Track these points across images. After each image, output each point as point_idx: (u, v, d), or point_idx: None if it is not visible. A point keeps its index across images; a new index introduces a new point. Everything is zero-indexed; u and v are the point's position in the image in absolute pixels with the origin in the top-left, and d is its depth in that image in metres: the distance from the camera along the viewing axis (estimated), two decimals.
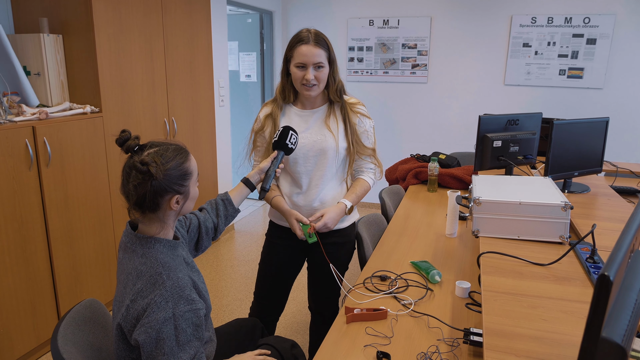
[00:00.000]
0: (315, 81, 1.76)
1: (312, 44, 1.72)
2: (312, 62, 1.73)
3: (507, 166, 2.57)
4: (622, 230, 0.71)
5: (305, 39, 1.74)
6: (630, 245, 0.69)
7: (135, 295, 1.21)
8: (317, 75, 1.75)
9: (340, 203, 1.86)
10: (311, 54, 1.72)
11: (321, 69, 1.75)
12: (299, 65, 1.76)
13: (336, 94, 1.85)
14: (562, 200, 1.67)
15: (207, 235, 1.63)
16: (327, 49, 1.76)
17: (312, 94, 1.80)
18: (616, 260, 0.59)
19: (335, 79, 1.82)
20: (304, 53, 1.73)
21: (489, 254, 1.58)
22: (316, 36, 1.74)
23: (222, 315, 3.01)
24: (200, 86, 3.71)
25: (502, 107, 4.58)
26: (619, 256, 0.61)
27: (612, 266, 0.57)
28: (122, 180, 1.26)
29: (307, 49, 1.72)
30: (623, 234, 0.69)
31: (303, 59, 1.73)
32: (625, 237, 0.68)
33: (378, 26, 4.77)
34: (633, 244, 0.77)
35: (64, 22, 2.71)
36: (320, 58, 1.73)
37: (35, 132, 2.36)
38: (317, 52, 1.72)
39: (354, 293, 1.69)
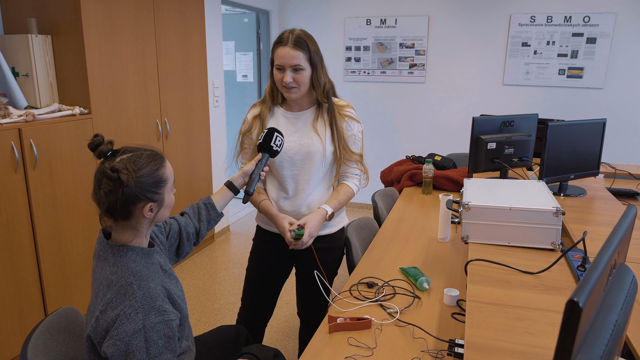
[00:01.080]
0: (295, 84, 1.71)
1: (289, 46, 1.67)
2: (289, 64, 1.68)
3: (502, 168, 2.52)
4: (601, 248, 0.66)
5: (284, 41, 1.69)
6: (608, 262, 0.64)
7: (105, 306, 1.17)
8: (295, 77, 1.70)
9: (320, 209, 1.82)
10: (288, 56, 1.68)
11: (300, 71, 1.70)
12: (278, 67, 1.72)
13: (323, 96, 1.81)
14: (553, 205, 1.62)
15: (189, 241, 1.60)
16: (308, 50, 1.71)
17: (292, 96, 1.76)
18: (589, 283, 0.54)
19: (320, 81, 1.77)
20: (281, 55, 1.69)
21: (478, 261, 1.53)
22: (297, 38, 1.69)
23: (213, 319, 2.97)
24: (194, 87, 3.67)
25: (501, 107, 4.52)
26: (592, 278, 0.56)
27: (583, 291, 0.53)
28: (93, 187, 1.22)
29: (284, 51, 1.68)
30: (601, 252, 0.64)
31: (281, 61, 1.70)
32: (603, 257, 0.63)
33: (375, 25, 4.72)
34: (615, 260, 0.72)
35: (53, 22, 2.67)
36: (297, 60, 1.68)
37: (21, 134, 2.33)
38: (294, 54, 1.67)
39: (339, 301, 1.64)
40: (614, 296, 0.73)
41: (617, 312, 0.70)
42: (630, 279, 0.82)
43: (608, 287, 0.72)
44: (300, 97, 1.80)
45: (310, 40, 1.73)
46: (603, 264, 0.60)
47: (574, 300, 0.51)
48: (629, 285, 0.80)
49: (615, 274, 0.78)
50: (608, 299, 0.72)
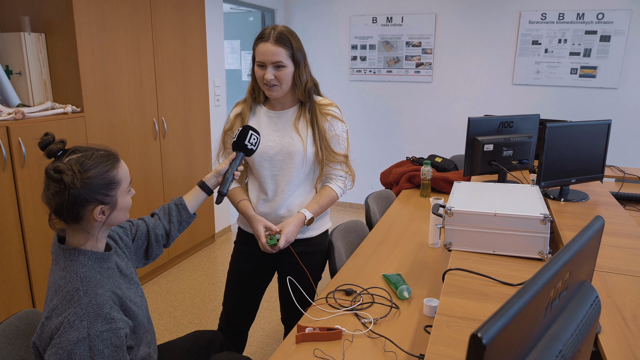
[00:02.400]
0: (276, 81, 1.65)
1: (271, 42, 1.61)
2: (270, 60, 1.62)
3: (500, 171, 2.41)
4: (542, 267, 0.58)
5: (265, 37, 1.63)
6: (547, 285, 0.56)
7: (50, 312, 1.13)
8: (277, 74, 1.64)
9: (299, 214, 1.74)
10: (269, 53, 1.61)
11: (282, 68, 1.64)
12: (259, 64, 1.66)
13: (304, 94, 1.74)
14: (541, 212, 1.52)
15: (158, 243, 1.54)
16: (290, 47, 1.64)
17: (273, 95, 1.70)
18: (503, 316, 0.46)
19: (302, 79, 1.70)
20: (262, 51, 1.63)
21: (456, 270, 1.45)
22: (279, 34, 1.63)
23: (205, 321, 2.93)
24: (193, 85, 3.64)
25: (509, 107, 4.38)
26: (510, 310, 0.48)
27: (491, 325, 0.45)
28: (43, 187, 1.18)
29: (265, 47, 1.62)
30: (538, 275, 0.56)
31: (261, 58, 1.64)
32: (536, 280, 0.55)
33: (381, 24, 4.63)
34: (563, 280, 0.64)
35: (46, 20, 2.66)
36: (278, 57, 1.62)
37: (10, 132, 2.31)
38: (275, 50, 1.61)
39: (313, 309, 1.57)
40: (564, 322, 0.65)
41: (564, 341, 0.62)
42: (592, 300, 0.73)
43: (556, 312, 0.64)
44: (283, 96, 1.74)
45: (293, 37, 1.67)
46: (533, 290, 0.52)
47: (476, 336, 0.43)
48: (588, 307, 0.71)
49: (571, 295, 0.69)
50: (555, 326, 0.63)
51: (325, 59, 4.91)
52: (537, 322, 0.56)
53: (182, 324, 2.90)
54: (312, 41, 4.90)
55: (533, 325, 0.54)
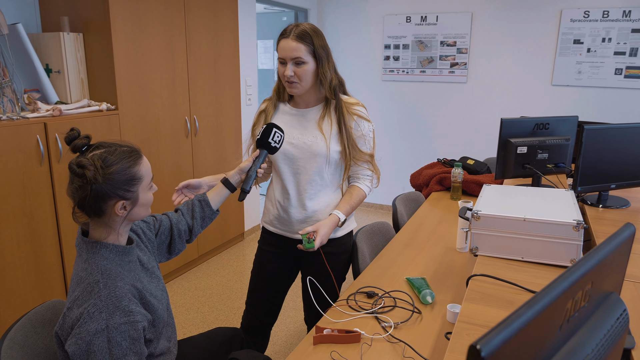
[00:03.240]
0: (296, 78, 1.64)
1: (291, 38, 1.60)
2: (289, 56, 1.61)
3: (534, 175, 2.32)
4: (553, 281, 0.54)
5: (286, 33, 1.63)
6: (563, 294, 0.52)
7: (72, 303, 1.15)
8: (297, 71, 1.63)
9: (332, 215, 1.72)
10: (289, 48, 1.61)
11: (302, 65, 1.62)
12: (281, 60, 1.66)
13: (330, 92, 1.72)
14: (574, 218, 1.45)
15: (180, 238, 1.56)
16: (311, 43, 1.63)
17: (294, 91, 1.69)
18: (509, 328, 0.43)
19: (326, 76, 1.68)
20: (282, 47, 1.63)
21: (481, 277, 1.39)
22: (300, 31, 1.62)
23: (231, 318, 2.95)
24: (225, 85, 3.68)
25: (548, 109, 4.22)
26: (517, 321, 0.45)
27: (493, 337, 0.42)
28: (68, 181, 1.21)
29: (285, 43, 1.62)
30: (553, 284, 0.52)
31: (282, 54, 1.64)
32: (551, 288, 0.51)
33: (415, 23, 4.55)
34: (584, 291, 0.60)
35: (84, 20, 2.75)
36: (298, 53, 1.60)
37: (47, 128, 2.40)
38: (295, 46, 1.60)
39: (333, 310, 1.55)
40: (584, 337, 0.60)
41: (582, 357, 0.57)
42: (618, 314, 0.68)
43: (575, 325, 0.60)
44: (306, 93, 1.72)
45: (315, 34, 1.65)
46: (546, 301, 0.49)
47: (475, 347, 0.40)
48: (613, 322, 0.66)
49: (593, 307, 0.65)
50: (573, 341, 0.59)
51: (358, 59, 4.87)
52: (550, 336, 0.52)
53: (209, 320, 2.93)
54: (344, 41, 4.88)
55: (545, 339, 0.50)
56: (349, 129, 1.73)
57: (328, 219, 1.73)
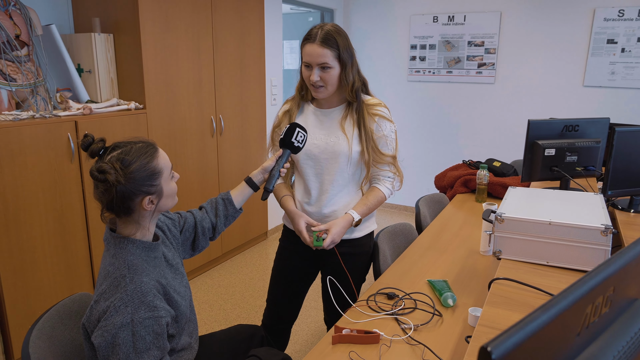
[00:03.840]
0: (322, 82, 1.64)
1: (317, 43, 1.60)
2: (316, 62, 1.61)
3: (562, 178, 2.26)
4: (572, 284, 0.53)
5: (312, 38, 1.62)
6: (581, 299, 0.51)
7: (99, 296, 1.18)
8: (323, 76, 1.63)
9: (347, 214, 1.72)
10: (315, 54, 1.60)
11: (328, 69, 1.62)
12: (306, 64, 1.66)
13: (351, 94, 1.71)
14: (602, 222, 1.41)
15: (204, 235, 1.58)
16: (337, 48, 1.62)
17: (319, 95, 1.69)
18: (522, 331, 0.42)
19: (348, 79, 1.68)
20: (308, 52, 1.62)
21: (504, 280, 1.37)
22: (325, 34, 1.61)
23: (253, 315, 2.98)
24: (250, 84, 3.71)
25: (579, 110, 4.11)
26: (532, 323, 0.44)
27: (507, 339, 0.41)
28: (93, 186, 1.24)
29: (311, 48, 1.61)
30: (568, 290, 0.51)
31: (307, 59, 1.64)
32: (571, 291, 0.50)
33: (442, 23, 4.50)
34: (606, 296, 0.58)
35: (115, 21, 2.82)
36: (324, 58, 1.60)
37: (78, 126, 2.47)
38: (321, 52, 1.60)
39: (352, 310, 1.55)
40: (605, 343, 0.59)
41: None
42: None
43: (595, 331, 0.58)
44: (329, 96, 1.73)
45: (340, 37, 1.64)
46: (563, 305, 0.47)
47: (485, 350, 0.40)
48: (638, 329, 0.64)
49: (616, 313, 0.63)
50: (593, 347, 0.57)
51: (384, 59, 4.85)
52: (568, 342, 0.51)
53: (231, 317, 2.96)
54: (370, 41, 4.86)
55: (562, 345, 0.49)
56: (369, 130, 1.72)
57: (341, 218, 1.73)
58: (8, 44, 2.28)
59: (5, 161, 2.18)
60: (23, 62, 2.36)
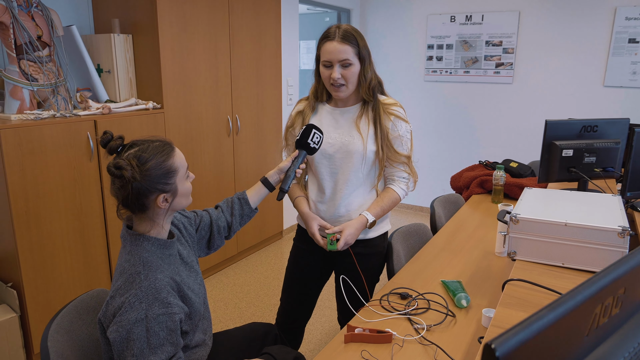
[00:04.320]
0: (343, 80, 1.64)
1: (337, 41, 1.61)
2: (337, 59, 1.62)
3: (580, 179, 2.23)
4: (580, 284, 0.53)
5: (331, 36, 1.63)
6: (590, 300, 0.51)
7: (115, 292, 1.21)
8: (344, 73, 1.63)
9: (361, 216, 1.73)
10: (336, 51, 1.61)
11: (349, 66, 1.63)
12: (326, 63, 1.66)
13: (368, 92, 1.72)
14: (620, 224, 1.39)
15: (220, 234, 1.60)
16: (356, 44, 1.64)
17: (340, 95, 1.70)
18: (527, 329, 0.43)
19: (367, 77, 1.69)
20: (329, 50, 1.63)
21: (518, 281, 1.36)
22: (344, 32, 1.63)
23: (267, 314, 3.00)
24: (266, 84, 3.74)
25: (599, 111, 4.04)
26: (538, 322, 0.44)
27: (512, 337, 0.41)
28: (110, 182, 1.26)
29: (331, 45, 1.62)
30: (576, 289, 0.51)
31: (328, 57, 1.64)
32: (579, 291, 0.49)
33: (460, 22, 4.46)
34: (616, 297, 0.57)
35: (134, 22, 2.86)
36: (346, 55, 1.61)
37: (97, 125, 2.52)
38: (342, 48, 1.61)
39: (365, 310, 1.55)
40: (615, 344, 0.58)
41: None
42: None
43: (605, 331, 0.57)
44: (349, 95, 1.73)
45: (358, 35, 1.66)
46: (570, 304, 0.47)
47: (489, 347, 0.40)
48: None
49: (627, 315, 0.62)
50: (603, 347, 0.57)
51: (400, 59, 4.83)
52: (575, 341, 0.50)
53: (246, 315, 2.99)
54: (387, 41, 4.85)
55: (570, 344, 0.49)
56: (385, 129, 1.73)
57: (355, 220, 1.73)
58: (30, 44, 2.34)
59: (27, 159, 2.23)
60: (44, 63, 2.42)
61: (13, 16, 2.26)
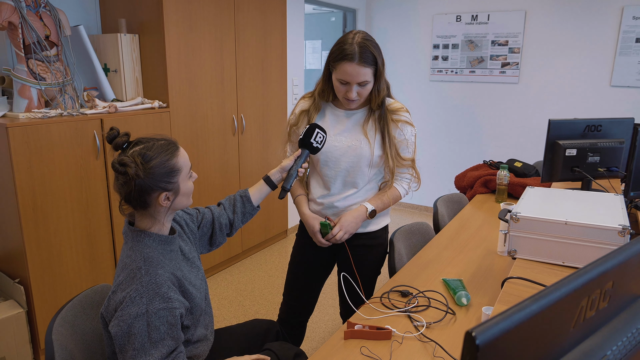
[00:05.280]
0: (358, 97, 1.65)
1: (357, 63, 1.56)
2: (355, 81, 1.60)
3: (584, 179, 2.23)
4: (566, 277, 0.53)
5: (349, 56, 1.56)
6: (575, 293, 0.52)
7: (117, 287, 1.23)
8: (360, 91, 1.63)
9: (360, 206, 1.74)
10: (355, 74, 1.58)
11: (366, 85, 1.63)
12: (342, 81, 1.63)
13: (378, 104, 1.72)
14: (620, 223, 1.39)
15: (221, 231, 1.62)
16: (375, 64, 1.60)
17: (352, 107, 1.72)
18: (509, 318, 0.44)
19: (380, 91, 1.68)
20: (348, 72, 1.58)
21: (517, 279, 1.36)
22: (362, 50, 1.56)
23: (271, 312, 3.02)
24: (272, 84, 3.76)
25: (606, 111, 4.02)
26: (521, 311, 0.45)
27: (493, 326, 0.42)
28: (114, 178, 1.28)
29: (351, 68, 1.57)
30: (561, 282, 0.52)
31: (347, 78, 1.60)
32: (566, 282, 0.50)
33: (466, 22, 4.46)
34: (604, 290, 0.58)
35: (140, 22, 2.89)
36: (365, 77, 1.59)
37: (103, 124, 2.55)
38: (362, 71, 1.57)
39: (366, 307, 1.56)
40: (603, 338, 0.59)
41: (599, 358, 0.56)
42: None
43: (592, 325, 0.58)
44: None
45: (375, 49, 1.61)
46: (554, 296, 0.48)
47: (470, 334, 0.41)
48: (639, 326, 0.64)
49: (616, 309, 0.63)
50: (590, 341, 0.58)
51: (406, 59, 4.83)
52: (561, 333, 0.51)
53: (249, 313, 3.01)
54: (392, 41, 4.85)
55: (554, 336, 0.50)
56: (392, 137, 1.73)
57: (354, 209, 1.74)
58: (38, 44, 2.37)
59: (35, 157, 2.26)
60: (52, 62, 2.45)
61: (22, 16, 2.30)
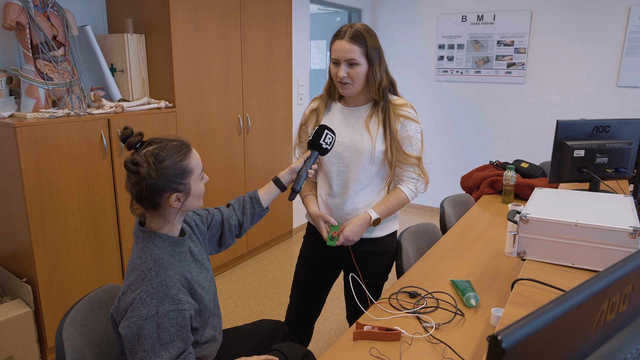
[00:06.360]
0: (349, 79, 1.66)
1: (345, 40, 1.62)
2: (343, 58, 1.63)
3: (592, 180, 2.22)
4: (587, 280, 0.53)
5: (341, 34, 1.65)
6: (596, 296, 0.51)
7: (127, 288, 1.23)
8: (350, 72, 1.64)
9: (365, 213, 1.73)
10: (343, 50, 1.63)
11: (355, 66, 1.64)
12: (334, 60, 1.68)
13: (378, 93, 1.72)
14: (631, 224, 1.38)
15: (231, 233, 1.62)
16: (365, 45, 1.64)
17: (345, 92, 1.71)
18: (533, 322, 0.43)
19: (376, 77, 1.69)
20: (336, 48, 1.65)
21: (527, 281, 1.35)
22: (355, 32, 1.64)
23: (277, 312, 3.02)
24: (277, 84, 3.76)
25: (613, 111, 4.00)
26: (544, 315, 0.45)
27: (518, 330, 0.42)
28: (126, 177, 1.28)
29: (339, 44, 1.63)
30: (583, 285, 0.51)
31: (336, 55, 1.66)
32: (586, 286, 0.50)
33: (471, 22, 4.45)
34: (624, 294, 0.58)
35: (147, 22, 2.90)
36: (352, 55, 1.62)
37: (110, 124, 2.55)
38: (349, 47, 1.62)
39: (374, 308, 1.56)
40: (623, 341, 0.59)
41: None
42: None
43: (612, 327, 0.58)
44: (356, 93, 1.74)
45: (369, 35, 1.66)
46: (576, 299, 0.48)
47: (496, 338, 0.41)
48: None
49: (636, 312, 0.62)
50: (611, 344, 0.57)
51: (411, 59, 4.82)
52: (582, 336, 0.51)
53: (255, 313, 3.01)
54: (397, 41, 4.84)
55: (576, 339, 0.50)
56: (393, 130, 1.73)
57: (358, 217, 1.74)
58: (46, 44, 2.38)
59: (42, 157, 2.27)
60: (59, 62, 2.46)
61: (29, 16, 2.30)
